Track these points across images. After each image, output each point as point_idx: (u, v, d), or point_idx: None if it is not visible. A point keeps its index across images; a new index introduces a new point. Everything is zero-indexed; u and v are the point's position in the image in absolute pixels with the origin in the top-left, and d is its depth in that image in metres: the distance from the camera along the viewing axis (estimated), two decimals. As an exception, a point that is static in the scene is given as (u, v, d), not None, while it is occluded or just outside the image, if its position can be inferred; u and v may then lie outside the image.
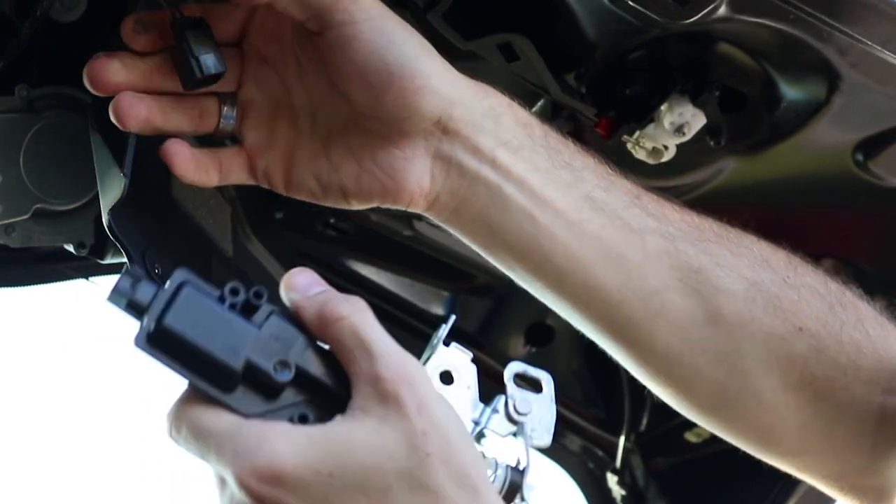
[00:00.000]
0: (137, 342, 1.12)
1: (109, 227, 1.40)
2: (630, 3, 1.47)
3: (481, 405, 1.25)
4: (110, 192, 1.41)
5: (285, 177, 1.36)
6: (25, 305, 5.01)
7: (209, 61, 1.31)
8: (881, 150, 1.69)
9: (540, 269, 1.39)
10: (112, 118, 1.31)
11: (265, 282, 1.70)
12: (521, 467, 1.21)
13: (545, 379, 1.27)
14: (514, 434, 1.24)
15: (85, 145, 1.51)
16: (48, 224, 1.57)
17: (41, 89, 1.54)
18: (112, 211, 1.39)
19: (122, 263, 1.66)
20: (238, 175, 1.37)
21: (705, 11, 1.49)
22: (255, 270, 1.84)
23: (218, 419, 1.10)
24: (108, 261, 1.62)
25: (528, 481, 1.21)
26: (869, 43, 1.54)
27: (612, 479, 2.30)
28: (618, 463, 2.28)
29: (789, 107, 1.65)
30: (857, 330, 1.45)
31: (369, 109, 1.30)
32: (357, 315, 1.13)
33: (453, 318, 1.27)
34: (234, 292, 1.14)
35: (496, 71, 1.60)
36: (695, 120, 1.62)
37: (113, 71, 1.32)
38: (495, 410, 1.24)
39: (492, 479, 1.20)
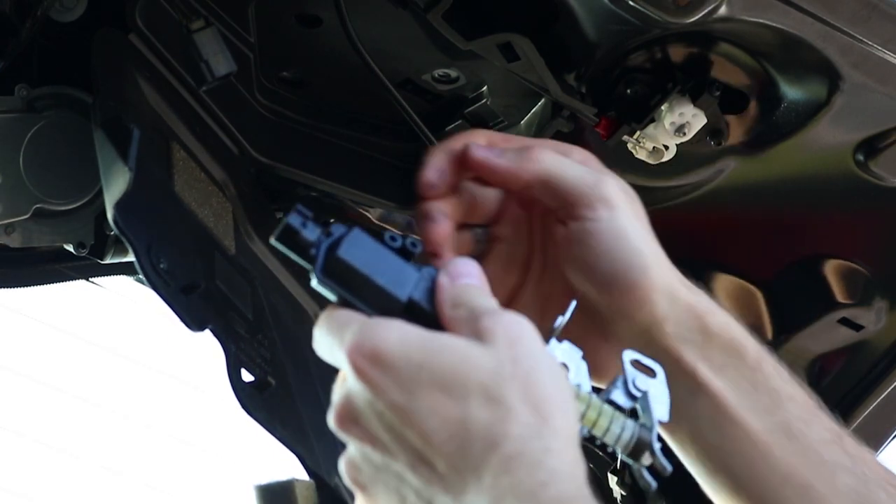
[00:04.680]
0: (315, 274, 1.23)
1: (115, 221, 1.40)
2: (630, 3, 1.47)
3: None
4: (115, 187, 1.41)
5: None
6: (26, 305, 5.01)
7: (217, 63, 1.38)
8: (881, 150, 1.68)
9: (719, 475, 1.38)
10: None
11: (267, 280, 1.70)
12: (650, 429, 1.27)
13: (658, 366, 1.31)
14: (636, 407, 1.28)
15: (85, 145, 1.51)
16: (48, 224, 1.57)
17: (41, 89, 1.54)
18: (118, 205, 1.39)
19: (123, 263, 1.66)
20: None
21: (705, 11, 1.49)
22: (258, 268, 1.83)
23: (348, 315, 1.23)
24: (108, 261, 1.62)
25: (657, 442, 1.26)
26: (869, 43, 1.54)
27: (612, 480, 2.30)
28: (618, 463, 2.28)
29: (790, 107, 1.65)
30: None
31: (590, 301, 1.34)
32: (480, 300, 1.23)
33: (574, 304, 1.31)
34: (393, 239, 1.26)
35: (496, 71, 1.60)
36: (695, 120, 1.62)
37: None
38: (615, 386, 1.29)
39: (622, 431, 1.26)
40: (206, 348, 1.60)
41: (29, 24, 1.49)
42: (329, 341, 1.23)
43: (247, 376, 1.53)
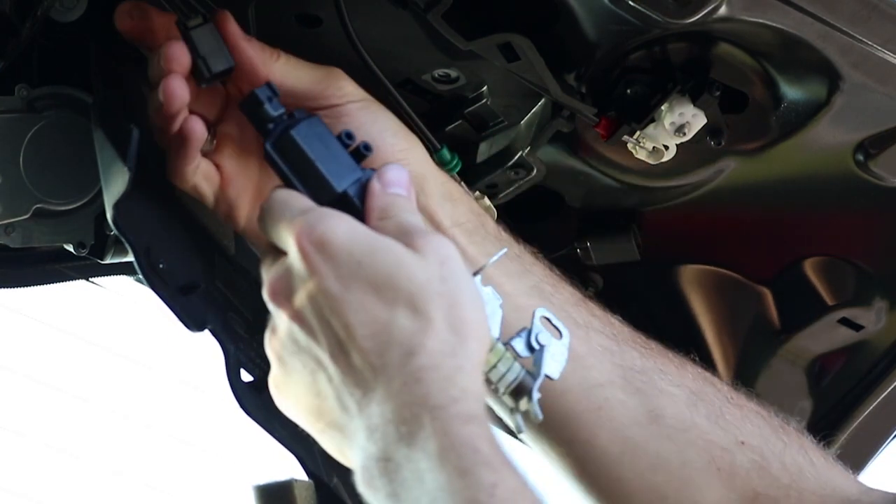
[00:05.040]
0: (266, 145, 1.34)
1: (114, 221, 1.41)
2: (630, 2, 1.47)
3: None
4: (114, 187, 1.42)
5: (249, 213, 1.47)
6: (26, 305, 5.01)
7: (215, 60, 1.39)
8: (882, 150, 1.68)
9: None
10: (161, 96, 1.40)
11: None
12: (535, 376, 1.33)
13: (566, 331, 1.37)
14: (532, 357, 1.34)
15: (85, 145, 1.51)
16: (48, 224, 1.57)
17: (41, 89, 1.54)
18: (116, 205, 1.40)
19: (123, 263, 1.67)
20: (209, 184, 1.45)
21: (705, 11, 1.49)
22: (258, 268, 1.84)
23: (301, 199, 1.31)
24: (108, 261, 1.62)
25: (537, 391, 1.32)
26: (869, 43, 1.54)
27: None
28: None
29: (790, 107, 1.65)
30: (801, 455, 1.48)
31: None
32: (407, 216, 1.31)
33: (503, 251, 1.39)
34: (349, 136, 1.36)
35: (496, 71, 1.60)
36: (695, 120, 1.62)
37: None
38: (519, 336, 1.35)
39: (507, 371, 1.32)
40: (206, 348, 1.60)
41: (29, 24, 1.49)
42: (278, 219, 1.30)
43: (246, 376, 1.52)
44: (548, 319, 1.37)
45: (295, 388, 1.30)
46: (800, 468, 1.46)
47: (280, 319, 1.29)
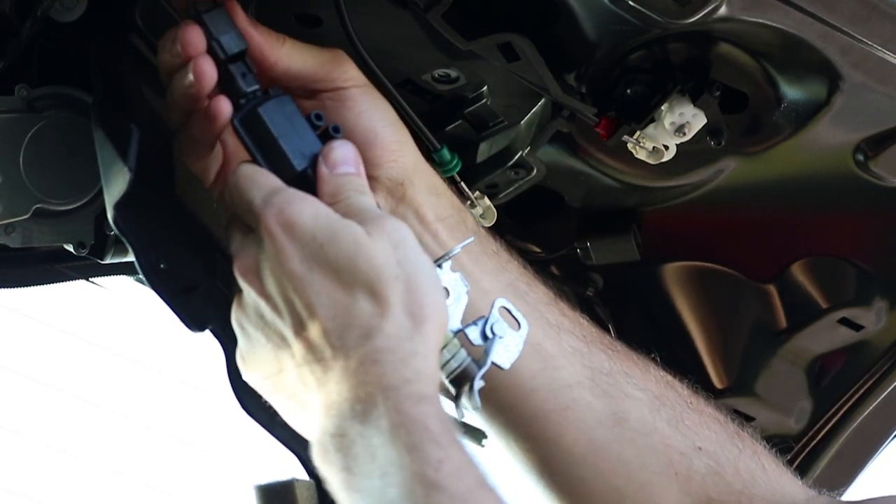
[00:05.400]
0: (233, 120, 1.37)
1: (115, 221, 1.41)
2: (630, 3, 1.47)
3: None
4: (115, 188, 1.42)
5: None
6: (26, 305, 5.01)
7: (229, 42, 1.40)
8: (881, 150, 1.68)
9: None
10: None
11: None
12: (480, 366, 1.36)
13: (524, 322, 1.39)
14: (484, 345, 1.37)
15: (85, 145, 1.51)
16: (48, 224, 1.57)
17: (41, 89, 1.54)
18: (117, 206, 1.40)
19: (123, 263, 1.67)
20: (216, 162, 1.45)
21: (705, 11, 1.49)
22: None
23: (269, 178, 1.35)
24: (108, 261, 1.62)
25: (480, 380, 1.34)
26: (869, 43, 1.54)
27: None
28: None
29: (790, 107, 1.65)
30: (754, 461, 1.51)
31: None
32: (359, 197, 1.35)
33: (470, 239, 1.42)
34: (318, 118, 1.39)
35: (496, 71, 1.60)
36: (695, 120, 1.62)
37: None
38: (475, 324, 1.37)
39: (451, 358, 1.35)
40: (206, 348, 1.61)
41: (29, 24, 1.49)
42: (245, 195, 1.34)
43: (247, 376, 1.53)
44: (507, 310, 1.39)
45: (259, 361, 1.35)
46: (752, 474, 1.50)
47: (248, 294, 1.34)
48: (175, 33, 1.40)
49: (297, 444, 1.58)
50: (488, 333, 1.37)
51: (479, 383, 1.34)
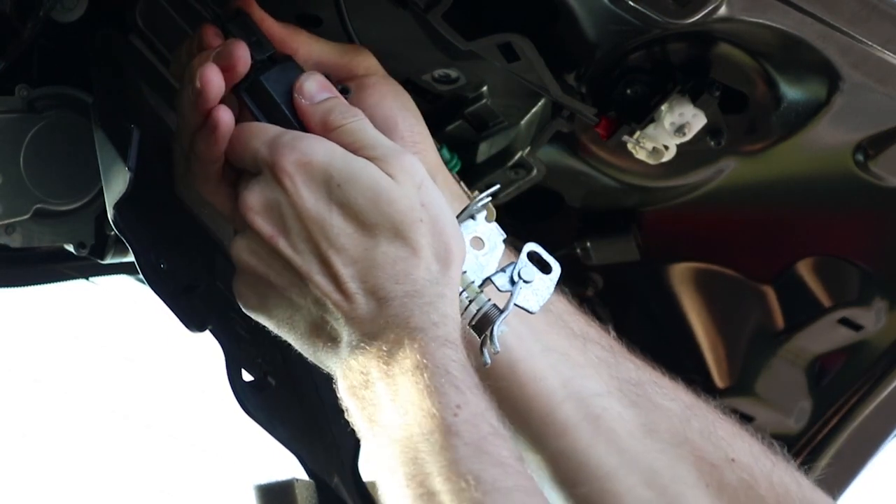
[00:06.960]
0: (238, 88, 1.38)
1: (115, 221, 1.41)
2: (630, 3, 1.47)
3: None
4: (115, 188, 1.42)
5: None
6: (26, 305, 5.02)
7: (256, 48, 1.41)
8: (881, 151, 1.68)
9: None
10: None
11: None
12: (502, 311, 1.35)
13: (556, 265, 1.39)
14: (511, 291, 1.36)
15: (85, 145, 1.51)
16: (48, 224, 1.57)
17: (41, 89, 1.54)
18: (117, 206, 1.40)
19: (123, 263, 1.67)
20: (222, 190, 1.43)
21: (705, 11, 1.49)
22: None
23: (269, 127, 1.36)
24: (108, 261, 1.62)
25: (502, 325, 1.34)
26: (869, 43, 1.54)
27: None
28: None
29: (790, 107, 1.65)
30: (788, 475, 1.48)
31: None
32: (356, 121, 1.35)
33: (497, 187, 1.41)
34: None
35: (496, 71, 1.60)
36: (695, 120, 1.62)
37: None
38: (503, 271, 1.37)
39: (468, 303, 1.35)
40: (206, 348, 1.61)
41: (30, 24, 1.49)
42: (251, 145, 1.34)
43: (247, 376, 1.53)
44: (537, 254, 1.39)
45: (268, 296, 1.35)
46: (786, 488, 1.47)
47: (262, 231, 1.33)
48: (197, 40, 1.42)
49: (297, 444, 1.58)
50: (515, 279, 1.37)
51: (501, 328, 1.34)
